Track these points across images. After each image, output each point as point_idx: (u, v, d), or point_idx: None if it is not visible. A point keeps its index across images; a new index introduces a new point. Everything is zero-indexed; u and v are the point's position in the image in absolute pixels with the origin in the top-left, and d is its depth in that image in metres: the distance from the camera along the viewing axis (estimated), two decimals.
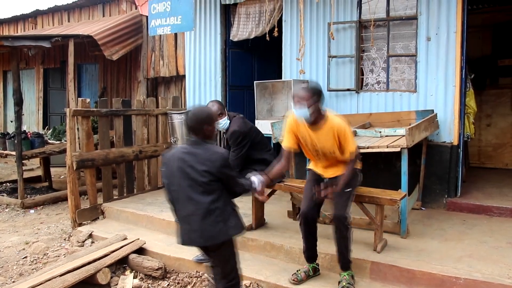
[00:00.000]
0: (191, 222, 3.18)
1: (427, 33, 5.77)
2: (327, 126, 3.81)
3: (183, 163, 3.18)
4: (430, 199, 5.88)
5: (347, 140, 3.80)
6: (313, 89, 3.79)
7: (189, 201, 3.17)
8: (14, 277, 4.91)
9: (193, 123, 3.25)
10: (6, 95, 12.77)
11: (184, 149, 3.27)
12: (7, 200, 7.92)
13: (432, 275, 3.87)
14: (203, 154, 3.18)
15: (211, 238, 3.16)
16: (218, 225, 3.15)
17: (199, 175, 3.14)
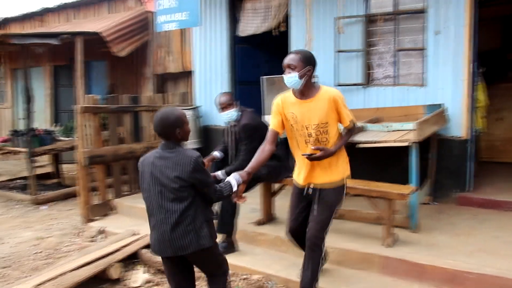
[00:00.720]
0: (161, 231, 2.98)
1: (436, 26, 5.74)
2: (321, 95, 3.40)
3: (154, 168, 2.99)
4: (441, 194, 5.86)
5: (345, 110, 3.44)
6: (304, 54, 3.43)
7: (159, 208, 2.97)
8: (28, 272, 4.94)
9: (162, 128, 3.01)
10: (16, 92, 12.85)
11: (156, 153, 3.05)
12: (19, 197, 8.00)
13: (443, 270, 3.87)
14: (174, 158, 2.96)
15: (181, 249, 2.96)
16: (189, 235, 2.95)
17: (169, 181, 2.93)
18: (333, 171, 3.51)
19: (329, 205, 3.51)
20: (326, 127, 3.42)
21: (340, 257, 4.34)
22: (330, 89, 3.50)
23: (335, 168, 3.51)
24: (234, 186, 3.22)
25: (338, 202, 3.59)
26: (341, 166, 3.54)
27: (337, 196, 3.57)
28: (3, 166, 11.48)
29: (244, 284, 4.28)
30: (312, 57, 3.45)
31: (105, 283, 4.57)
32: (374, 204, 4.53)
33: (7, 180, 9.43)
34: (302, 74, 3.36)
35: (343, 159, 3.58)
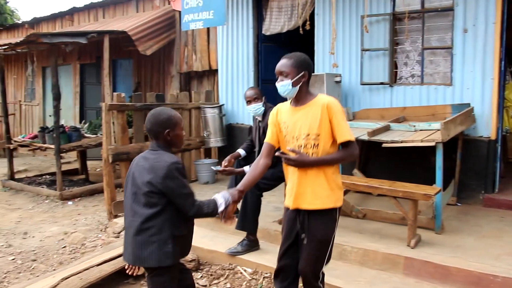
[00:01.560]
0: (126, 235, 2.81)
1: (464, 24, 5.64)
2: (315, 102, 2.95)
3: (136, 168, 2.83)
4: (466, 195, 5.76)
5: (342, 122, 2.89)
6: (297, 58, 3.00)
7: (130, 210, 2.79)
8: (54, 266, 5.07)
9: (151, 126, 2.83)
10: (45, 90, 13.13)
11: (143, 153, 2.90)
12: (46, 192, 8.16)
13: (469, 272, 3.80)
14: (152, 161, 2.76)
15: (139, 259, 2.73)
16: (150, 247, 2.69)
17: (142, 184, 2.71)
18: (322, 195, 2.94)
19: (319, 240, 2.97)
20: (318, 139, 2.90)
21: (363, 257, 4.30)
22: (327, 96, 3.03)
23: (324, 191, 2.94)
24: (220, 205, 2.85)
25: (328, 236, 3.00)
26: (332, 192, 2.96)
27: (326, 230, 2.98)
28: (32, 162, 11.75)
29: (266, 282, 4.28)
30: (306, 60, 3.02)
31: (128, 278, 4.63)
32: (399, 205, 4.48)
33: (36, 176, 9.62)
34: (296, 81, 2.96)
35: (336, 185, 2.99)
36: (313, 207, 2.95)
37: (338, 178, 3.01)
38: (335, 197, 2.97)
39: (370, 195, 6.04)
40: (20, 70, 13.87)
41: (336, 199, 2.98)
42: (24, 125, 13.90)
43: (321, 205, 2.94)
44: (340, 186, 3.02)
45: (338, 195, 3.00)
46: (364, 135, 4.87)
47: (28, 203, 7.84)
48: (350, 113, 6.21)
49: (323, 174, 2.93)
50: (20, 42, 7.77)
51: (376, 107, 6.28)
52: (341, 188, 3.03)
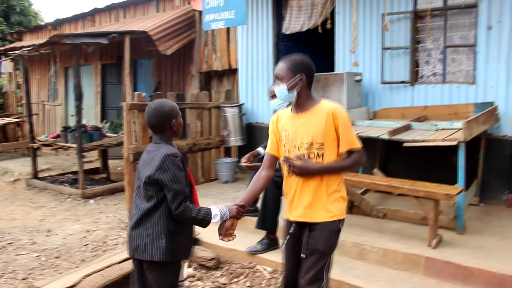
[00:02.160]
0: (129, 226, 2.83)
1: (488, 21, 5.55)
2: (319, 108, 2.76)
3: (140, 163, 2.84)
4: (489, 195, 5.67)
5: (348, 131, 2.73)
6: (292, 61, 2.79)
7: (133, 203, 2.82)
8: (77, 263, 5.15)
9: (157, 120, 2.77)
10: (67, 90, 13.32)
11: (147, 148, 2.87)
12: (69, 190, 8.31)
13: (491, 274, 3.75)
14: (152, 154, 2.75)
15: (135, 251, 2.74)
16: (144, 240, 2.68)
17: (143, 178, 2.73)
18: (324, 208, 2.76)
19: (321, 252, 2.76)
20: (322, 149, 2.72)
21: (384, 257, 4.27)
22: (332, 103, 2.83)
23: (326, 204, 2.76)
24: (214, 217, 2.74)
25: (331, 249, 2.80)
26: (335, 203, 2.77)
27: (329, 243, 2.78)
28: (54, 161, 11.94)
29: None
30: (304, 63, 2.79)
31: None
32: (420, 204, 4.43)
33: (58, 175, 9.80)
34: (291, 85, 2.76)
35: (340, 196, 2.81)
36: (314, 220, 2.77)
37: (342, 188, 2.84)
38: (338, 210, 2.78)
39: (390, 195, 5.99)
40: (43, 70, 14.11)
41: (338, 210, 2.78)
42: (47, 124, 14.13)
43: (322, 218, 2.76)
44: (344, 197, 2.83)
45: (341, 207, 2.80)
46: (385, 134, 4.84)
47: (51, 201, 7.98)
48: (371, 112, 6.18)
49: (325, 185, 2.74)
50: (44, 43, 7.91)
51: (397, 106, 6.23)
52: (345, 199, 2.85)
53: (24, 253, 5.44)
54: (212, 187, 7.22)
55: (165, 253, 2.67)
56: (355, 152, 2.76)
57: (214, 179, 7.74)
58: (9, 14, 18.90)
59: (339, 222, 2.80)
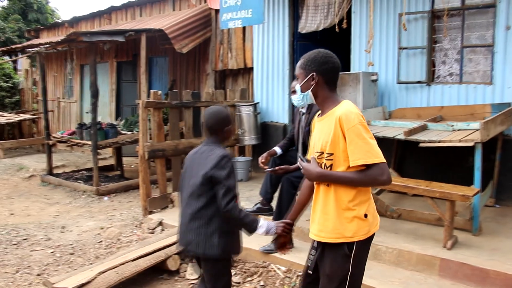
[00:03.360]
0: (180, 222, 2.99)
1: (507, 21, 5.51)
2: (333, 113, 2.43)
3: (191, 161, 3.01)
4: (505, 197, 5.62)
5: (356, 141, 2.31)
6: (306, 58, 2.54)
7: (184, 200, 2.97)
8: (91, 259, 5.20)
9: (212, 122, 2.98)
10: (82, 87, 13.45)
11: (198, 148, 3.05)
12: (83, 187, 8.38)
13: (508, 276, 3.72)
14: (206, 155, 2.91)
15: (189, 245, 2.90)
16: (198, 237, 2.84)
17: (197, 177, 2.87)
18: (329, 227, 2.45)
19: (327, 276, 2.49)
20: (331, 160, 2.41)
21: (398, 257, 4.27)
22: (346, 106, 2.43)
23: (332, 222, 2.44)
24: (259, 228, 2.81)
25: (338, 275, 2.45)
26: (345, 223, 2.41)
27: (335, 267, 2.46)
28: (69, 157, 12.07)
29: (300, 281, 4.28)
30: (317, 59, 2.49)
31: (163, 274, 4.74)
32: (436, 205, 4.41)
33: (73, 171, 9.91)
34: (304, 86, 2.55)
35: (355, 215, 2.42)
36: (319, 239, 2.53)
37: (360, 207, 2.42)
38: (348, 231, 2.41)
39: (405, 195, 5.97)
40: (59, 68, 14.25)
41: (349, 233, 2.41)
42: (62, 121, 14.27)
43: (326, 238, 2.47)
44: (361, 217, 2.41)
45: (353, 229, 2.40)
46: (401, 134, 4.82)
47: (66, 197, 8.07)
48: (386, 112, 6.16)
49: (334, 197, 2.43)
50: (62, 41, 8.00)
51: (413, 106, 6.20)
52: (363, 219, 2.41)
53: (39, 249, 5.51)
54: None
55: (218, 250, 2.82)
56: (373, 166, 2.31)
57: None
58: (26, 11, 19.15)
59: (347, 245, 2.41)
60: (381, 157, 2.32)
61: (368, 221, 2.43)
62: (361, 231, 2.41)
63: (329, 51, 2.53)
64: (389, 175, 2.35)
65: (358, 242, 2.41)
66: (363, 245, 2.45)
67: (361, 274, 2.54)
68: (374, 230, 2.49)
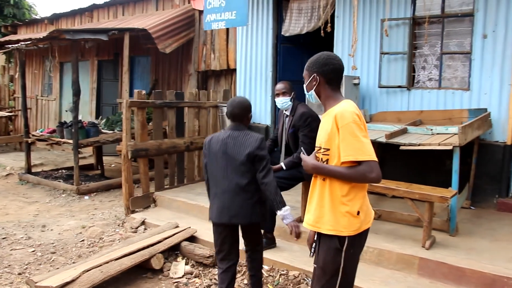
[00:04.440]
0: (222, 198, 3.48)
1: (484, 30, 5.70)
2: (332, 111, 2.56)
3: (225, 145, 3.48)
4: (480, 199, 5.81)
5: (348, 138, 2.42)
6: (311, 59, 2.69)
7: (223, 179, 3.48)
8: (73, 258, 5.18)
9: (239, 111, 3.55)
10: (62, 85, 13.31)
11: (225, 134, 3.54)
12: (63, 186, 8.31)
13: (483, 274, 3.87)
14: (243, 138, 3.48)
15: (235, 217, 3.47)
16: (244, 208, 3.46)
17: (240, 156, 3.43)
18: (323, 218, 2.56)
19: (320, 267, 2.62)
20: (327, 155, 2.54)
21: (379, 257, 4.38)
22: (343, 105, 2.54)
23: (326, 214, 2.55)
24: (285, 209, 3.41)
25: (328, 267, 2.56)
26: (338, 217, 2.51)
27: (326, 259, 2.57)
28: (47, 156, 11.94)
29: (282, 279, 4.37)
30: (319, 61, 2.63)
31: (147, 272, 4.75)
32: (415, 206, 4.54)
33: (52, 170, 9.82)
34: (309, 86, 2.69)
35: (348, 211, 2.50)
36: (313, 229, 2.64)
37: (353, 203, 2.50)
38: (340, 225, 2.50)
39: (384, 197, 6.11)
40: (38, 65, 14.07)
41: (340, 227, 2.50)
42: (39, 119, 14.09)
43: (321, 229, 2.57)
44: (352, 213, 2.49)
45: (344, 223, 2.49)
46: (382, 137, 4.95)
47: (45, 196, 7.99)
48: (368, 115, 6.29)
49: (328, 190, 2.53)
50: (44, 38, 7.91)
51: (393, 110, 6.35)
52: (355, 216, 2.50)
53: (19, 248, 5.46)
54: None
55: (259, 216, 3.55)
56: (363, 163, 2.41)
57: None
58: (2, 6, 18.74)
59: (338, 239, 2.51)
60: (371, 155, 2.42)
61: (360, 218, 2.52)
62: (352, 227, 2.50)
63: (332, 53, 2.69)
64: (379, 173, 2.44)
65: (349, 237, 2.50)
66: (354, 241, 2.53)
67: (353, 269, 2.64)
68: (365, 227, 2.59)
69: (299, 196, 5.41)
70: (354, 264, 2.64)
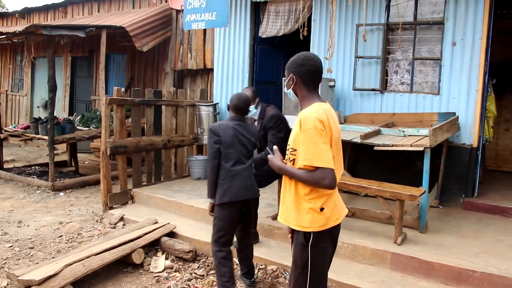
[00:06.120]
0: (243, 177, 3.94)
1: (453, 38, 5.96)
2: (301, 113, 2.61)
3: (236, 131, 3.95)
4: (448, 198, 6.09)
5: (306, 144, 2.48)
6: (290, 60, 2.74)
7: (241, 160, 3.96)
8: (53, 253, 5.19)
9: (244, 105, 4.06)
10: (33, 81, 13.12)
11: (232, 123, 4.00)
12: (38, 182, 8.23)
13: (450, 268, 4.12)
14: (247, 127, 4.08)
15: (255, 192, 4.08)
16: (255, 183, 4.08)
17: (249, 143, 4.01)
18: (290, 214, 2.66)
19: (293, 261, 2.72)
20: (294, 155, 2.60)
21: (354, 252, 4.59)
22: (309, 110, 2.57)
23: (293, 210, 2.64)
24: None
25: (298, 261, 2.65)
26: (303, 214, 2.59)
27: (296, 252, 2.67)
28: (18, 152, 11.78)
29: (261, 273, 4.52)
30: (296, 62, 2.69)
31: (127, 267, 4.83)
32: (387, 204, 4.76)
33: (24, 166, 9.70)
34: (287, 85, 2.75)
35: (311, 207, 2.57)
36: (285, 223, 2.72)
37: (315, 200, 2.57)
38: (305, 221, 2.58)
39: (357, 195, 6.33)
40: (7, 59, 13.81)
41: (305, 223, 2.58)
42: (10, 115, 13.85)
43: (290, 223, 2.66)
44: (316, 209, 2.56)
45: (308, 220, 2.57)
46: (357, 138, 5.15)
47: (19, 193, 7.91)
48: (342, 117, 6.49)
49: (295, 191, 2.61)
50: (20, 33, 7.83)
51: (367, 112, 6.56)
52: (318, 212, 2.56)
53: None
54: (185, 183, 7.38)
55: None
56: (318, 169, 2.46)
57: (187, 176, 7.89)
58: None
59: (304, 235, 2.59)
60: (327, 162, 2.45)
61: (325, 214, 2.56)
62: (316, 223, 2.55)
63: (311, 54, 2.71)
64: (331, 181, 2.46)
65: (314, 233, 2.56)
66: (321, 236, 2.58)
67: (323, 263, 2.68)
68: (333, 224, 2.61)
69: (275, 194, 5.57)
70: (323, 258, 2.67)
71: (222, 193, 3.89)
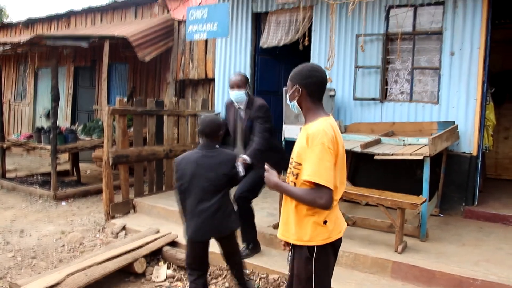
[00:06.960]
0: (202, 218, 3.58)
1: (451, 48, 6.01)
2: (308, 127, 2.55)
3: (198, 166, 3.57)
4: (448, 207, 6.11)
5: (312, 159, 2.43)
6: (294, 70, 2.68)
7: (201, 201, 3.57)
8: (55, 263, 5.23)
9: (211, 130, 3.63)
10: (36, 91, 13.20)
11: (198, 153, 3.63)
12: (40, 192, 8.26)
13: (451, 276, 4.14)
14: (218, 157, 3.62)
15: (219, 232, 3.70)
16: (225, 220, 3.66)
17: (216, 176, 3.57)
18: (291, 229, 2.62)
19: (295, 275, 2.66)
20: (298, 169, 2.53)
21: (354, 261, 4.61)
22: (319, 124, 2.52)
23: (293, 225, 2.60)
24: None
25: (301, 276, 2.60)
26: (305, 228, 2.56)
27: (298, 267, 2.62)
28: (20, 162, 11.80)
29: (262, 283, 4.54)
30: (301, 73, 2.62)
31: (129, 276, 4.86)
32: (388, 212, 4.78)
33: (27, 176, 9.72)
34: (291, 96, 2.66)
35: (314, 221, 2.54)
36: (284, 239, 2.69)
37: (318, 214, 2.54)
38: (307, 235, 2.54)
39: (358, 204, 6.36)
40: (10, 69, 13.90)
41: (306, 236, 2.55)
42: (12, 124, 13.92)
43: (290, 239, 2.63)
44: (320, 222, 2.54)
45: (311, 233, 2.54)
46: (357, 147, 5.19)
47: (21, 202, 7.93)
48: (342, 126, 6.53)
49: (295, 206, 2.57)
50: (24, 43, 7.90)
51: (367, 121, 6.60)
52: (322, 225, 2.54)
53: None
54: None
55: (237, 221, 3.84)
56: (317, 188, 2.42)
57: None
58: None
59: (307, 248, 2.55)
60: (328, 181, 2.40)
61: (328, 228, 2.54)
62: (320, 236, 2.53)
63: (316, 66, 2.68)
64: (328, 201, 2.43)
65: (318, 246, 2.54)
66: (325, 249, 2.56)
67: (327, 276, 2.67)
68: (336, 237, 2.60)
69: (276, 204, 5.60)
70: (327, 271, 2.66)
71: (184, 229, 3.73)
